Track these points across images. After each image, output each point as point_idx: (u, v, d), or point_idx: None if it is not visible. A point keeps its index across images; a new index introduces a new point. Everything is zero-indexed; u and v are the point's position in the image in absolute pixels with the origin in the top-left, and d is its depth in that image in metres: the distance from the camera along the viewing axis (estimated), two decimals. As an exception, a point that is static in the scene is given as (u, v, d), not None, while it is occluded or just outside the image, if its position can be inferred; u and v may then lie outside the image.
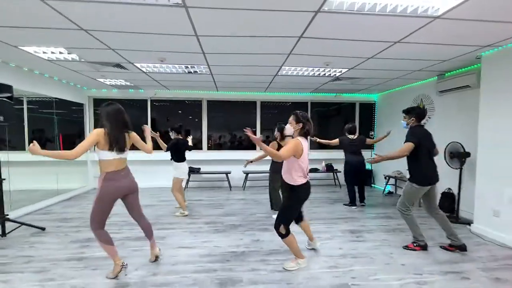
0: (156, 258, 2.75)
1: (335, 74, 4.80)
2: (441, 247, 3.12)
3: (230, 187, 6.51)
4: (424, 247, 3.04)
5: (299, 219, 2.91)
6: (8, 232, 3.40)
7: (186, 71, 4.53)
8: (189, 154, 6.77)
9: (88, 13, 2.45)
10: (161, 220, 4.09)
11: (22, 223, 3.52)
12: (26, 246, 3.13)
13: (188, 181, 6.39)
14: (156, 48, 3.40)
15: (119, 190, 2.39)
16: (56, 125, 5.38)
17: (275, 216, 2.65)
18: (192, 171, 6.39)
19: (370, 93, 6.87)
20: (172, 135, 4.49)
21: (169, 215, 4.37)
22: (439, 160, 4.23)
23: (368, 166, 7.07)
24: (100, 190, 2.30)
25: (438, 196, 4.75)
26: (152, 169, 6.41)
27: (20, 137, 4.94)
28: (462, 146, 3.97)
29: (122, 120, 2.39)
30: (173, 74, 4.71)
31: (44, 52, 3.56)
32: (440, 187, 4.76)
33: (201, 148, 6.85)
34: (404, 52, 3.52)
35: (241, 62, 4.01)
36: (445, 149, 4.09)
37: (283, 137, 3.79)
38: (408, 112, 3.16)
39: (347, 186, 5.03)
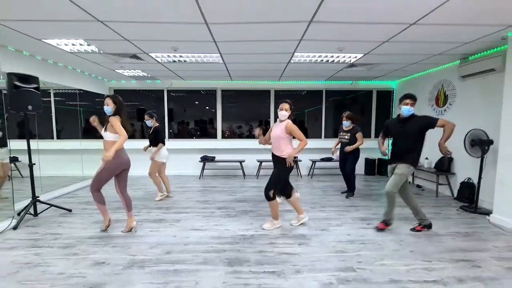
0: (130, 230, 3.20)
1: (349, 61, 4.68)
2: (411, 229, 3.23)
3: (244, 175, 6.63)
4: (429, 226, 3.21)
5: (288, 195, 3.29)
6: (39, 213, 3.72)
7: (199, 60, 4.61)
8: (204, 143, 6.97)
9: (102, 3, 2.56)
10: (176, 205, 4.28)
11: (51, 205, 3.83)
12: (54, 225, 3.43)
13: (203, 169, 6.59)
14: (168, 37, 3.49)
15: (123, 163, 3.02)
16: (82, 115, 5.70)
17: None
18: (207, 159, 6.56)
19: (388, 80, 6.63)
20: (151, 122, 4.47)
21: (184, 200, 4.56)
22: (460, 149, 4.09)
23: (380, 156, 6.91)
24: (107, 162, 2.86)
25: (457, 186, 4.60)
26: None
27: (48, 127, 5.32)
28: (486, 134, 3.76)
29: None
30: (186, 64, 4.81)
31: (65, 44, 3.76)
32: (460, 176, 4.61)
33: (215, 137, 7.00)
34: (422, 35, 3.36)
35: (252, 50, 4.02)
36: (465, 137, 3.91)
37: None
38: (414, 98, 3.10)
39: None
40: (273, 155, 3.19)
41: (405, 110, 3.04)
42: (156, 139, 4.41)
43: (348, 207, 4.15)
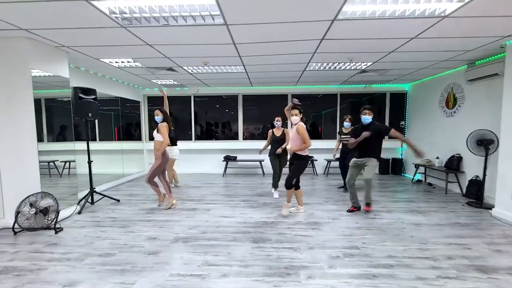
0: (171, 207, 4.19)
1: (360, 67, 5.10)
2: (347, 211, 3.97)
3: (264, 173, 7.17)
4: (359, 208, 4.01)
5: (298, 187, 3.94)
6: (95, 201, 4.48)
7: (224, 71, 5.23)
8: (226, 144, 7.59)
9: (154, 33, 3.22)
10: (206, 198, 4.91)
11: (104, 195, 4.58)
12: (109, 211, 4.15)
13: (226, 167, 7.22)
14: (201, 54, 4.12)
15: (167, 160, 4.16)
16: (120, 119, 6.52)
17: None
18: (230, 158, 7.18)
19: (402, 83, 6.92)
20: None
21: (212, 194, 5.18)
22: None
23: (396, 156, 7.20)
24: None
25: (465, 183, 4.87)
26: (200, 157, 7.36)
27: (92, 130, 6.14)
28: (494, 133, 4.02)
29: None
30: (213, 73, 5.45)
31: (116, 62, 4.52)
32: (469, 174, 4.88)
33: (237, 139, 7.62)
34: (424, 46, 3.75)
35: (272, 61, 4.57)
36: (468, 137, 4.22)
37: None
38: (371, 109, 3.79)
39: None
40: (293, 153, 3.78)
41: (365, 119, 3.79)
42: (171, 140, 5.27)
43: (360, 202, 4.56)
